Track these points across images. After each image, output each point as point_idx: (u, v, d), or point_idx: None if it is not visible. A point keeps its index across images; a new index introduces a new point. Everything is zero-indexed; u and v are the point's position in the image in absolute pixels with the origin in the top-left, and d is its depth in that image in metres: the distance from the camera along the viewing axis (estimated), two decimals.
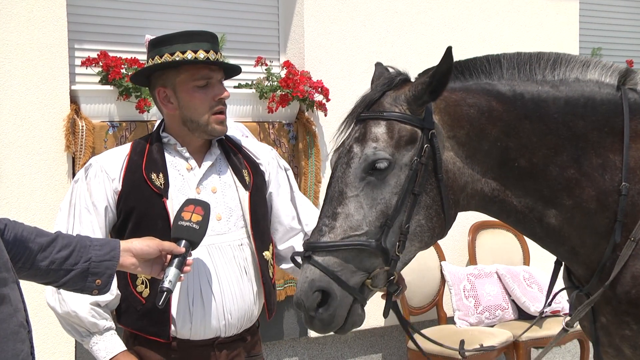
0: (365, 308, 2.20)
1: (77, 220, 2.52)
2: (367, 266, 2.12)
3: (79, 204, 2.53)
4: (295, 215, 2.74)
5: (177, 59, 2.51)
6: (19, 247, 1.94)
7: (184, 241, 2.25)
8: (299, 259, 2.19)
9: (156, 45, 2.56)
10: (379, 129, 2.15)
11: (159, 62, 2.53)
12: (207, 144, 2.63)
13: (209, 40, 2.56)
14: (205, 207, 2.33)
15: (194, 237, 2.28)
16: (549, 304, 2.44)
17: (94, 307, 2.48)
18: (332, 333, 2.19)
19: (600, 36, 6.45)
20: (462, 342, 2.43)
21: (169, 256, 2.22)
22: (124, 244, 2.14)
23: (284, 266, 2.75)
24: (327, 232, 2.11)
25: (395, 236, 2.12)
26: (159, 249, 2.19)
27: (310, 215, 2.70)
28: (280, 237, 2.74)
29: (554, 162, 2.19)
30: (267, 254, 2.62)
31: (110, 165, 2.55)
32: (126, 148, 2.62)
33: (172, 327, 2.49)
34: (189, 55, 2.50)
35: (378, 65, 2.38)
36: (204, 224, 2.30)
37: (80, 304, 2.47)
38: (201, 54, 2.50)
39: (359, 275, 2.11)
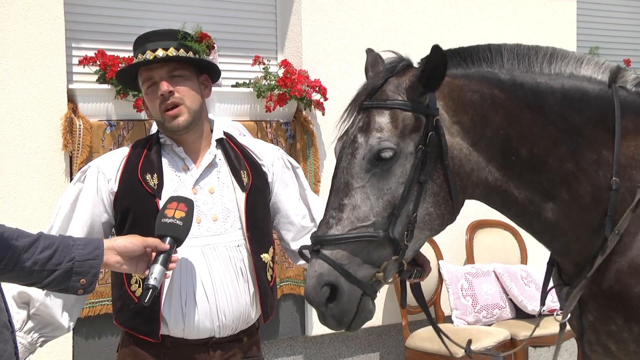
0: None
1: (72, 221, 2.53)
2: (375, 258, 2.10)
3: (73, 205, 2.55)
4: (307, 213, 2.74)
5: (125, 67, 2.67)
6: (0, 248, 1.92)
7: (168, 238, 2.25)
8: (307, 253, 2.16)
9: None
10: (383, 118, 2.13)
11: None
12: (207, 144, 2.62)
13: (155, 39, 2.57)
14: (188, 203, 2.33)
15: (178, 234, 2.27)
16: (543, 304, 2.45)
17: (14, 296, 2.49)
18: (331, 331, 2.18)
19: (598, 35, 6.46)
20: (469, 342, 2.41)
21: (154, 253, 2.22)
22: (108, 242, 2.13)
23: (301, 263, 2.74)
24: (335, 225, 2.08)
25: (403, 225, 2.10)
26: (142, 245, 2.19)
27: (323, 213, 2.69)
28: (293, 237, 2.73)
29: (553, 154, 2.21)
30: (265, 257, 2.61)
31: (107, 167, 2.57)
32: (125, 150, 2.64)
33: (165, 327, 2.49)
34: (134, 62, 2.57)
35: (370, 51, 2.37)
36: (187, 220, 2.30)
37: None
38: (140, 58, 2.54)
39: (367, 267, 2.09)
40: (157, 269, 2.19)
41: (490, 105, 2.20)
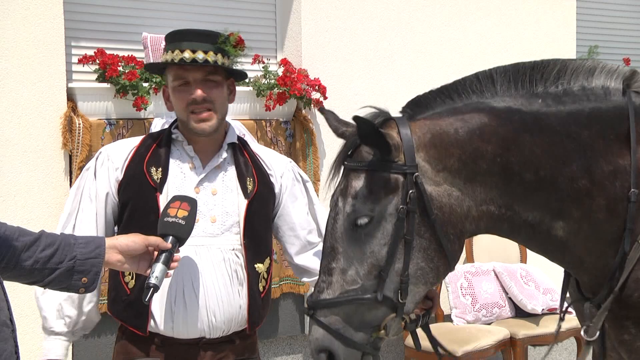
0: None
1: (80, 207, 2.55)
2: (370, 319, 2.09)
3: (85, 192, 2.57)
4: (315, 228, 2.72)
5: (160, 60, 2.58)
6: (1, 247, 1.92)
7: (170, 237, 2.25)
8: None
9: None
10: (358, 182, 2.09)
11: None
12: (218, 146, 2.61)
13: (194, 39, 2.54)
14: (191, 203, 2.33)
15: (181, 233, 2.27)
16: (562, 315, 2.38)
17: (62, 304, 2.51)
18: None
19: (598, 34, 6.46)
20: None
21: (156, 252, 2.22)
22: (109, 240, 2.13)
23: (305, 279, 2.75)
24: (325, 289, 2.09)
25: (395, 284, 2.07)
26: (144, 244, 2.18)
27: None
28: (297, 251, 2.71)
29: (562, 174, 2.11)
30: (259, 267, 2.59)
31: (116, 155, 2.58)
32: (137, 140, 2.65)
33: (155, 325, 2.50)
34: (169, 57, 2.53)
35: (323, 111, 2.30)
36: (190, 219, 2.30)
37: (49, 297, 2.51)
38: (177, 55, 2.51)
39: (365, 329, 2.09)
40: (158, 267, 2.19)
41: (479, 136, 2.08)
